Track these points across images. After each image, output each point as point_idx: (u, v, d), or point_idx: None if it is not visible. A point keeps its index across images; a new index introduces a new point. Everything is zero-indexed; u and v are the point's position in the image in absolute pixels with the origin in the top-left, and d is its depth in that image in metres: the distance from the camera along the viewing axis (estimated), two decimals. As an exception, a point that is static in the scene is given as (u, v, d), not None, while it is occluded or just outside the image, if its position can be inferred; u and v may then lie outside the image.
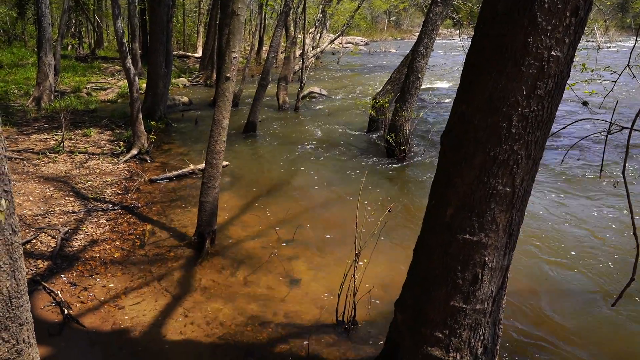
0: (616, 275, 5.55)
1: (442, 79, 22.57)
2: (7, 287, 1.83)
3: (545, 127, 2.83)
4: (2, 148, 1.80)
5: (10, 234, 1.83)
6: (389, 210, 5.20)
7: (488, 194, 2.90)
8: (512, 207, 2.95)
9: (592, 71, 6.55)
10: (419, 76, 9.78)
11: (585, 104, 14.90)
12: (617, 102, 3.93)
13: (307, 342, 4.32)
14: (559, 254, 6.04)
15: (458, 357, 3.25)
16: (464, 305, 3.14)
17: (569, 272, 5.65)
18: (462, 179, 2.95)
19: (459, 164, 2.97)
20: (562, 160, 9.35)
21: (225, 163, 8.08)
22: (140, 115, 9.85)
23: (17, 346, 1.91)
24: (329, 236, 6.53)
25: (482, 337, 3.27)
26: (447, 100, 16.91)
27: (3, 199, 1.78)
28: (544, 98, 2.72)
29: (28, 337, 2.01)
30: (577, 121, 4.09)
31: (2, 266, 1.79)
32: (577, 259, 5.92)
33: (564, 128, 3.85)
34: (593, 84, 7.79)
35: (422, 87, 10.32)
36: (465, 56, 3.08)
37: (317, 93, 18.47)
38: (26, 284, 1.99)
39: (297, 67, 20.14)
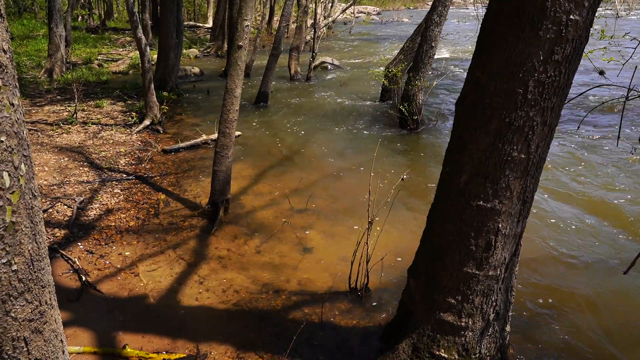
0: (629, 243, 5.53)
1: (455, 48, 22.22)
2: (28, 250, 1.86)
3: (562, 93, 2.79)
4: (21, 114, 1.82)
5: (30, 198, 1.85)
6: (402, 179, 5.19)
7: (503, 161, 2.89)
8: (527, 174, 2.93)
9: (610, 38, 6.40)
10: (433, 45, 9.64)
11: (602, 73, 14.60)
12: (637, 67, 3.85)
13: (321, 308, 4.38)
14: (572, 221, 6.01)
15: (470, 323, 3.28)
16: (476, 272, 3.16)
17: (581, 239, 5.63)
18: (477, 146, 2.94)
19: (474, 131, 2.95)
20: (578, 127, 9.24)
21: (237, 133, 8.08)
22: (152, 86, 9.84)
23: (39, 307, 1.96)
24: (341, 205, 6.55)
25: (494, 304, 3.29)
26: (460, 70, 16.69)
27: (23, 164, 1.80)
28: (561, 63, 2.67)
29: (50, 299, 2.05)
30: (594, 87, 4.00)
31: (24, 229, 1.82)
32: (590, 227, 5.90)
33: (581, 94, 3.79)
34: (611, 53, 7.65)
35: (435, 56, 10.17)
36: (479, 24, 3.02)
37: (329, 63, 18.30)
38: (47, 247, 2.03)
39: (308, 37, 19.91)
